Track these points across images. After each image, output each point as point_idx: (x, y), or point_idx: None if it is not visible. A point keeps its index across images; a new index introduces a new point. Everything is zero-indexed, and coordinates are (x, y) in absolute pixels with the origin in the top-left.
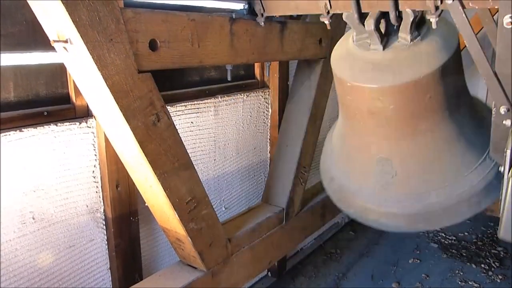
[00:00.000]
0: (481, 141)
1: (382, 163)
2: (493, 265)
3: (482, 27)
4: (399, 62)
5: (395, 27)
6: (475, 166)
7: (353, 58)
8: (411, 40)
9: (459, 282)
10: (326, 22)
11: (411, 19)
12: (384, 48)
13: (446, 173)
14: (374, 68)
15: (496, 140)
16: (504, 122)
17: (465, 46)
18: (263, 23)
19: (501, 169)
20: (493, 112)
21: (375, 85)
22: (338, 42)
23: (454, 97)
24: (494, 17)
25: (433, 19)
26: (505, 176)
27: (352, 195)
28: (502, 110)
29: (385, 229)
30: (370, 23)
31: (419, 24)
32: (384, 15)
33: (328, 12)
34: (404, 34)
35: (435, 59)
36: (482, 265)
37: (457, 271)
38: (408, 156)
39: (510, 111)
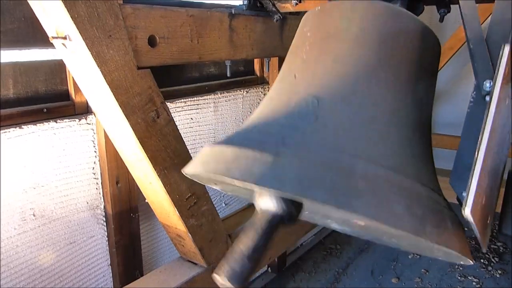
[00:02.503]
0: (430, 170)
1: (303, 102)
2: (492, 260)
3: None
4: None
5: None
6: (418, 174)
7: None
8: None
9: (459, 277)
10: None
11: None
12: None
13: (384, 149)
14: None
15: (467, 140)
16: (486, 98)
17: (462, 44)
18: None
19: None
20: (471, 96)
21: None
22: None
23: (422, 94)
24: None
25: None
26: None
27: (234, 145)
28: (487, 84)
29: (269, 187)
30: None
31: None
32: None
33: None
34: None
35: (421, 21)
36: (482, 260)
37: (456, 266)
38: (345, 101)
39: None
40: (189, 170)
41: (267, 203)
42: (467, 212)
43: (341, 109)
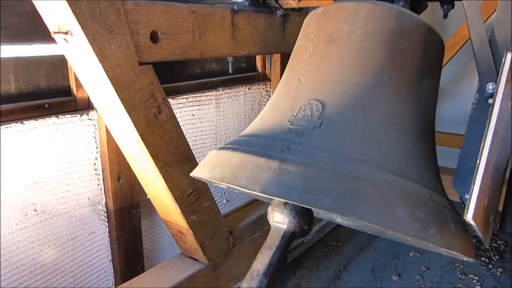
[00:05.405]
0: (436, 176)
1: (308, 107)
2: (493, 258)
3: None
4: None
5: None
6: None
7: None
8: None
9: (459, 275)
10: None
11: None
12: None
13: (388, 153)
14: None
15: (470, 143)
16: (489, 101)
17: (465, 42)
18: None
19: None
20: (474, 98)
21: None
22: None
23: (426, 95)
24: None
25: None
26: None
27: (240, 151)
28: (490, 87)
29: (275, 195)
30: None
31: None
32: None
33: None
34: None
35: (425, 20)
36: (482, 258)
37: (457, 264)
38: (350, 106)
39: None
40: (196, 173)
41: (279, 219)
42: (469, 218)
43: (346, 114)
